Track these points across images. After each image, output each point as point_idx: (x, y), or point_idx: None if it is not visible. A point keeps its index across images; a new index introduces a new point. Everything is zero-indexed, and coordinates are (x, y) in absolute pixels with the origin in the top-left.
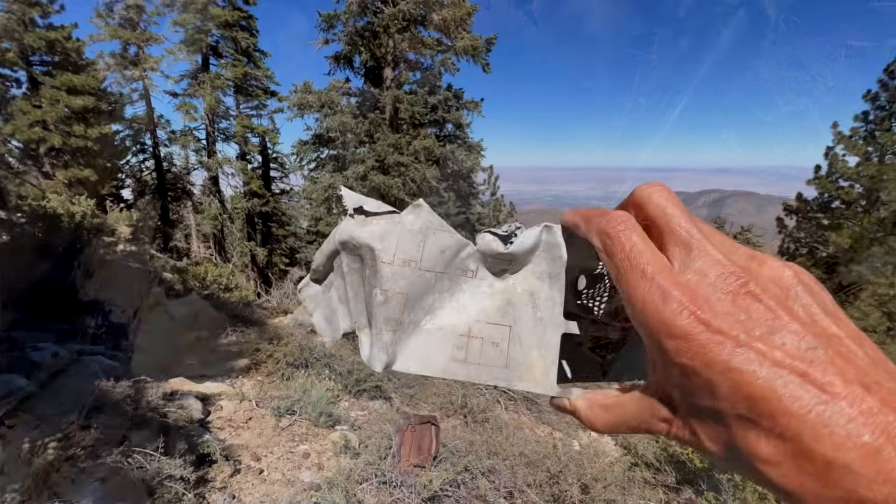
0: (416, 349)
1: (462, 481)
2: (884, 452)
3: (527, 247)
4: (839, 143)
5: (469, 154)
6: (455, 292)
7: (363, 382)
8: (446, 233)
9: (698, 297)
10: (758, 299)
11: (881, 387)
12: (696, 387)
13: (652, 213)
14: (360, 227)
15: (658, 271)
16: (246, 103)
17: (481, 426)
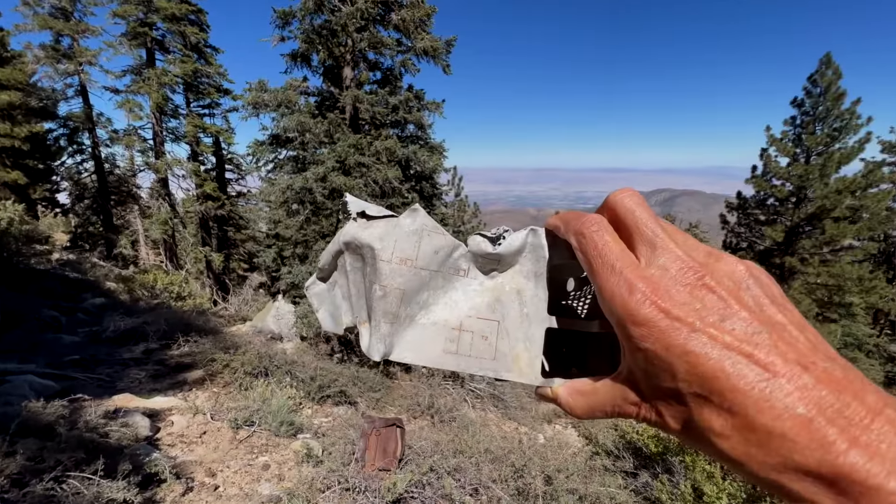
0: (411, 341)
1: (428, 482)
2: (815, 422)
3: (514, 248)
4: (772, 145)
5: (431, 155)
6: (448, 289)
7: (327, 388)
8: (440, 234)
9: (660, 288)
10: (712, 291)
11: (817, 366)
12: (659, 369)
13: (622, 214)
14: (363, 229)
15: (625, 266)
16: (197, 101)
17: (448, 425)
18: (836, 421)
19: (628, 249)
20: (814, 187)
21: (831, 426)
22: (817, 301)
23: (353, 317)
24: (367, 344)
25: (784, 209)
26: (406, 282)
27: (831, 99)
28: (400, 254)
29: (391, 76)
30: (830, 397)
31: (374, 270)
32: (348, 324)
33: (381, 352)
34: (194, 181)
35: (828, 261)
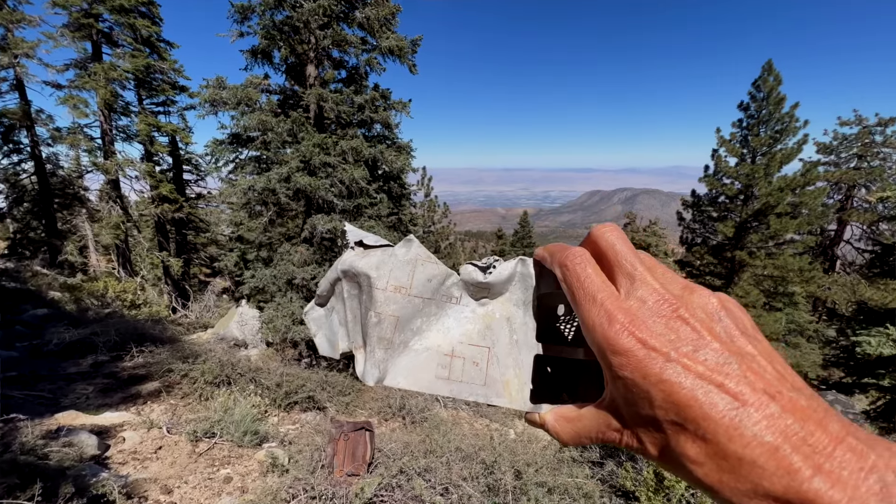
0: (405, 367)
1: (397, 484)
2: (781, 450)
3: (504, 277)
4: (722, 145)
5: (399, 155)
6: (441, 316)
7: (294, 394)
8: (433, 263)
9: (637, 319)
10: (686, 322)
11: (783, 396)
12: (637, 397)
13: (604, 248)
14: (360, 258)
15: (606, 297)
16: (150, 99)
17: (420, 426)
18: (801, 448)
19: (609, 281)
20: (759, 185)
21: (796, 454)
22: (764, 291)
23: (350, 342)
24: (361, 369)
25: (734, 206)
26: (400, 309)
27: (773, 103)
28: (395, 282)
29: (356, 75)
30: (796, 426)
31: (369, 298)
32: (344, 349)
33: (375, 377)
34: (149, 182)
35: (773, 254)
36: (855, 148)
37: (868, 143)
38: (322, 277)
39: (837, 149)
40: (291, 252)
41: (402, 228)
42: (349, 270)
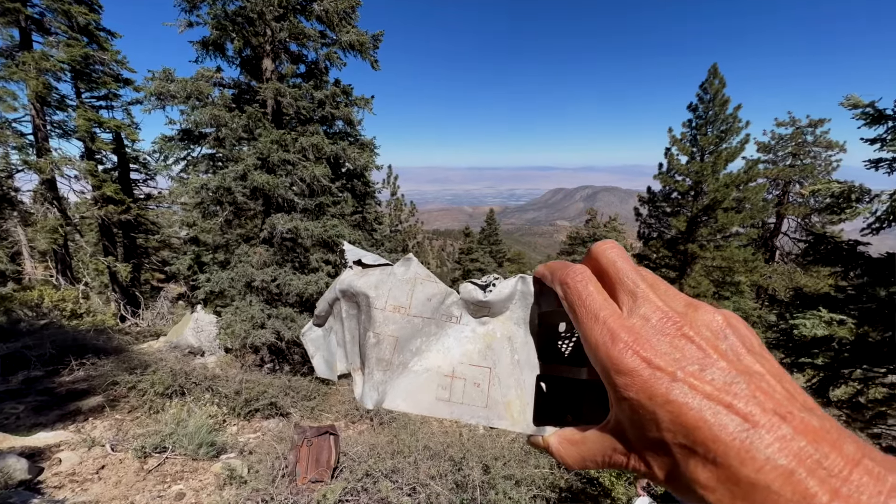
0: (404, 388)
1: (363, 487)
2: (797, 474)
3: (504, 295)
4: (674, 144)
5: (362, 152)
6: (441, 336)
7: (255, 402)
8: (433, 282)
9: (641, 338)
10: (691, 340)
11: (794, 416)
12: (643, 419)
13: (604, 265)
14: (359, 277)
15: (608, 316)
16: (90, 92)
17: (388, 427)
18: (817, 472)
19: (611, 299)
20: (707, 182)
21: (812, 478)
22: (714, 281)
23: (348, 363)
24: (360, 392)
25: (685, 201)
26: (399, 329)
27: (718, 105)
28: (394, 301)
29: (316, 70)
30: (810, 448)
31: (368, 318)
32: (342, 370)
33: (374, 399)
34: (90, 182)
35: (721, 246)
36: (790, 147)
37: (801, 142)
38: (320, 298)
39: (775, 148)
40: (250, 253)
41: (366, 227)
42: (348, 290)
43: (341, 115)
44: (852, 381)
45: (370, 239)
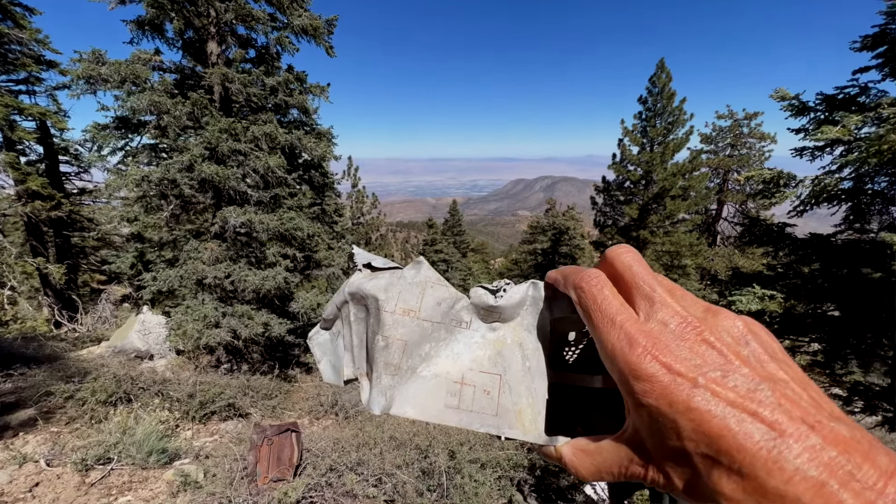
0: (412, 394)
1: (328, 482)
2: (828, 486)
3: (515, 301)
4: (626, 135)
5: (319, 142)
6: (450, 341)
7: (210, 404)
8: (443, 286)
9: (660, 343)
10: (712, 346)
11: (823, 426)
12: (663, 427)
13: (620, 270)
14: (368, 280)
15: (626, 320)
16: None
17: (353, 420)
18: (850, 484)
19: (627, 304)
20: (657, 171)
21: (845, 490)
22: (663, 265)
23: (355, 368)
24: (367, 397)
25: (637, 190)
26: (408, 333)
27: (666, 98)
28: (403, 305)
29: (267, 55)
30: (841, 459)
31: (377, 321)
32: (349, 375)
33: (381, 405)
34: (12, 176)
35: (669, 232)
36: (729, 138)
37: (738, 133)
38: (328, 301)
39: (716, 139)
40: (200, 249)
41: (326, 219)
42: (357, 293)
43: (296, 102)
44: None
45: (330, 232)
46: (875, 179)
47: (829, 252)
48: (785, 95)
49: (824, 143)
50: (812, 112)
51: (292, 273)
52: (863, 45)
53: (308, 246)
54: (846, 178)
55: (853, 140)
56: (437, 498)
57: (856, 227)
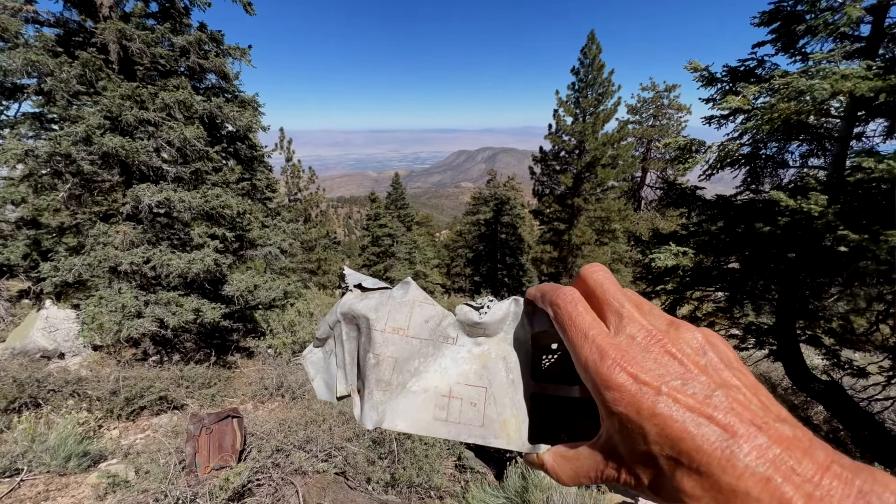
0: (403, 409)
1: (275, 463)
2: (773, 480)
3: (498, 317)
4: (560, 106)
5: (243, 111)
6: (438, 357)
7: (138, 399)
8: (430, 304)
9: (628, 355)
10: (674, 357)
11: (769, 427)
12: (632, 433)
13: (592, 286)
14: (359, 300)
15: (597, 335)
16: None
17: (301, 400)
18: (791, 478)
19: (599, 319)
20: (589, 141)
21: (787, 483)
22: (596, 230)
23: (347, 385)
24: (359, 412)
25: (571, 160)
26: (398, 350)
27: (596, 69)
28: (393, 323)
29: (173, 9)
30: (784, 455)
31: (368, 340)
32: (342, 392)
33: (373, 420)
34: None
35: (600, 199)
36: (651, 109)
37: (659, 105)
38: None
39: (640, 110)
40: (111, 233)
41: (258, 196)
42: (348, 313)
43: (212, 66)
44: (692, 300)
45: (264, 209)
46: (768, 145)
47: (730, 211)
48: (697, 67)
49: (728, 112)
50: (719, 83)
51: (223, 254)
52: (760, 21)
53: (239, 225)
54: (745, 143)
55: (751, 109)
56: (388, 464)
57: (752, 189)
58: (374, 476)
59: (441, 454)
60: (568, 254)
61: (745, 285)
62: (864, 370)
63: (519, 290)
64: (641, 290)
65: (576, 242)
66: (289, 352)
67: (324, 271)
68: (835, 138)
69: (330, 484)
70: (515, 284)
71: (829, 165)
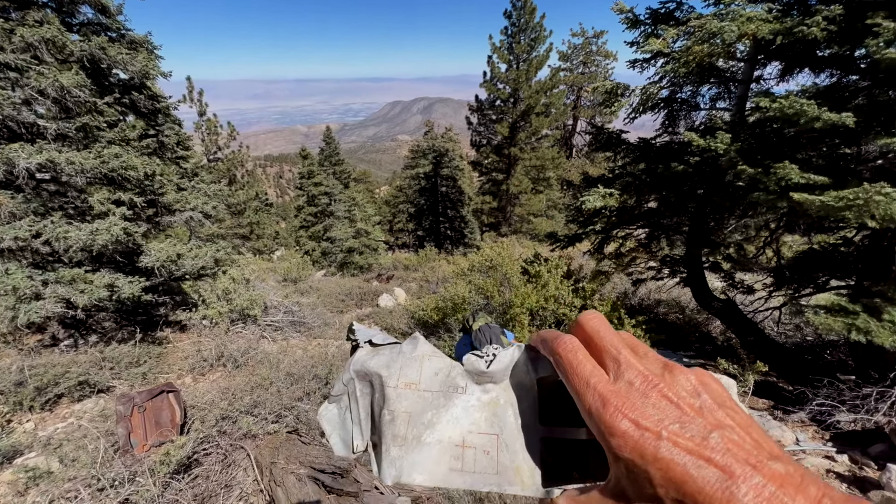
0: (419, 462)
1: (221, 430)
2: None
3: (504, 365)
4: (494, 52)
5: (134, 53)
6: (449, 407)
7: (53, 387)
8: (438, 357)
9: (629, 402)
10: (670, 401)
11: (763, 465)
12: (639, 477)
13: (590, 333)
14: (371, 357)
15: (598, 382)
16: None
17: (244, 368)
18: None
19: (599, 366)
20: (523, 89)
21: None
22: (532, 179)
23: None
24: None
25: (507, 108)
26: (411, 405)
27: (528, 12)
28: (405, 379)
29: None
30: (779, 493)
31: (382, 396)
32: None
33: (392, 476)
34: None
35: (535, 148)
36: (581, 56)
37: (589, 52)
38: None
39: (571, 56)
40: None
41: (168, 155)
42: (361, 370)
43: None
44: (618, 238)
45: (179, 171)
46: (683, 88)
47: (650, 153)
48: (622, 8)
49: (650, 56)
50: (642, 25)
51: (134, 222)
52: None
53: (149, 188)
54: (664, 87)
55: (670, 52)
56: None
57: (669, 131)
58: None
59: None
60: (507, 203)
61: (662, 222)
62: (752, 287)
63: (462, 242)
64: (574, 232)
65: (513, 192)
66: (226, 321)
67: (257, 235)
68: (739, 81)
69: (283, 443)
70: (458, 237)
71: (733, 107)
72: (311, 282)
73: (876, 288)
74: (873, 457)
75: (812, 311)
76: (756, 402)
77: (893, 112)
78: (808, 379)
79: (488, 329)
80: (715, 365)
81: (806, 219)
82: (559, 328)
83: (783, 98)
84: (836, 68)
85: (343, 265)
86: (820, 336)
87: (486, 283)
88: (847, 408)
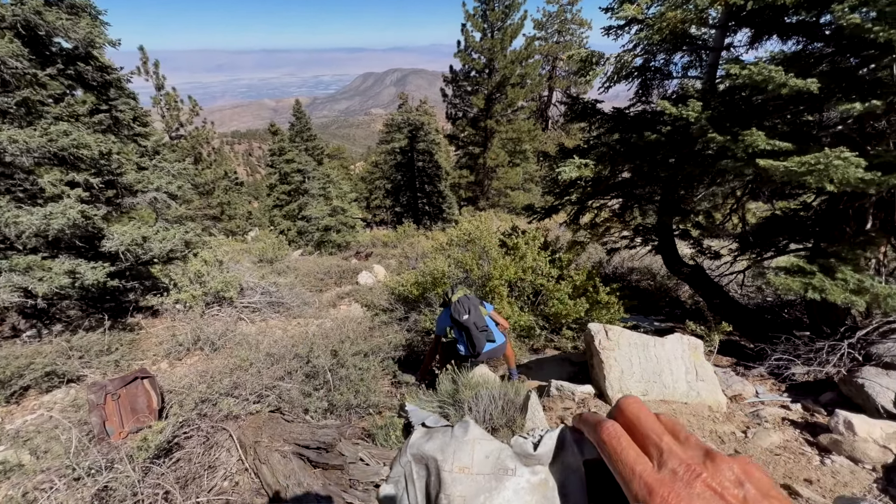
0: None
1: (201, 413)
2: None
3: (550, 447)
4: (468, 20)
5: (76, 19)
6: (501, 490)
7: (17, 379)
8: (488, 441)
9: (673, 492)
10: (714, 491)
11: None
12: None
13: (630, 419)
14: (425, 441)
15: (643, 470)
16: None
17: (222, 350)
18: None
19: (642, 453)
20: (498, 59)
21: None
22: (508, 152)
23: None
24: None
25: (482, 79)
26: (465, 489)
27: None
28: (459, 463)
29: None
30: None
31: (438, 480)
32: None
33: None
34: None
35: (511, 120)
36: (556, 24)
37: (563, 20)
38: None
39: (546, 24)
40: None
41: (124, 132)
42: (417, 454)
43: None
44: (592, 209)
45: (139, 149)
46: (656, 57)
47: (624, 123)
48: None
49: (624, 22)
50: None
51: (92, 205)
52: None
53: (106, 168)
54: (638, 55)
55: (644, 18)
56: (325, 393)
57: (643, 100)
58: (312, 406)
59: (377, 376)
60: (484, 177)
61: (635, 192)
62: (718, 253)
63: (440, 217)
64: (550, 204)
65: (490, 165)
66: (201, 304)
67: (229, 216)
68: (710, 48)
69: (266, 422)
70: (436, 212)
71: (704, 75)
72: (288, 262)
73: (832, 249)
74: (823, 404)
75: (773, 272)
76: (721, 359)
77: (854, 78)
78: (767, 336)
79: (467, 300)
80: (683, 327)
81: (770, 185)
82: (537, 298)
83: (752, 65)
84: (803, 35)
85: (320, 244)
86: (779, 296)
87: (464, 257)
88: (802, 361)
